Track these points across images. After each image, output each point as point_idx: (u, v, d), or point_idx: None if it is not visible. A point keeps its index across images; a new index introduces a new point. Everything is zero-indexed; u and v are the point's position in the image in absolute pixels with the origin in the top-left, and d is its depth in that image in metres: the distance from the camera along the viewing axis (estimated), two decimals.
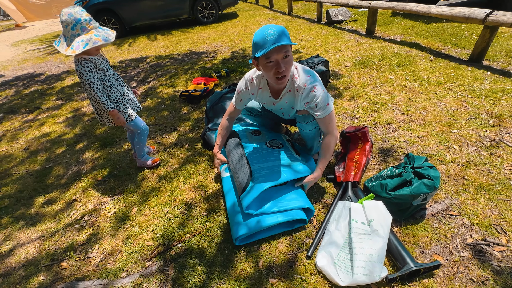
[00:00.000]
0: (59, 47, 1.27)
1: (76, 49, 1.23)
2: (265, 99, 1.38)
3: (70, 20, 1.22)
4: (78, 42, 1.24)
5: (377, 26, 4.19)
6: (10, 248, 1.34)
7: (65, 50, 1.24)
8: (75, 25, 1.23)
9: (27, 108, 3.11)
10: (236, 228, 1.17)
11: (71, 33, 1.25)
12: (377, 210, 1.10)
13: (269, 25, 1.07)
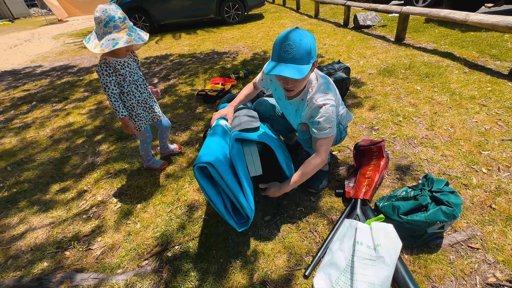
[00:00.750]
0: (89, 44, 1.22)
1: (105, 48, 1.16)
2: (281, 93, 1.31)
3: (103, 17, 1.16)
4: (108, 41, 1.17)
5: (408, 33, 3.96)
6: (23, 231, 1.41)
7: (94, 48, 1.18)
8: (108, 23, 1.17)
9: (57, 98, 3.32)
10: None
11: (103, 31, 1.18)
12: (386, 234, 1.01)
13: (294, 35, 0.95)
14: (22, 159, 2.07)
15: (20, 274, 1.18)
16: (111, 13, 1.16)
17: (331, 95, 1.14)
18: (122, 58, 1.33)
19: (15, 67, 5.28)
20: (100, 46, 1.17)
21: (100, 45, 1.17)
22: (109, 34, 1.18)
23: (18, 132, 2.51)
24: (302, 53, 0.96)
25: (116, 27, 1.19)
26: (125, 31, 1.21)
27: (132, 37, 1.20)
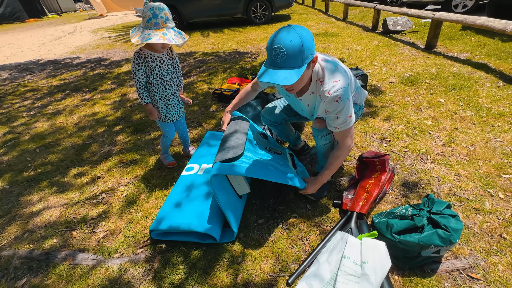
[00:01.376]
0: (132, 34, 1.31)
1: (140, 40, 1.25)
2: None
3: (148, 13, 1.24)
4: (145, 35, 1.25)
5: (440, 40, 3.72)
6: (41, 208, 1.56)
7: (133, 38, 1.28)
8: (150, 19, 1.25)
9: (87, 88, 3.58)
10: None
11: (145, 25, 1.27)
12: (375, 251, 0.98)
13: (284, 36, 0.91)
14: (50, 142, 2.28)
15: (32, 247, 1.30)
16: (156, 11, 1.25)
17: (341, 78, 1.08)
18: (156, 53, 1.41)
19: (56, 58, 5.77)
20: (137, 38, 1.26)
21: (138, 37, 1.27)
22: (149, 29, 1.26)
23: (50, 118, 2.76)
24: (294, 55, 0.91)
25: (157, 24, 1.26)
26: (163, 30, 1.27)
27: (166, 36, 1.26)
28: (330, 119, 1.16)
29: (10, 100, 3.44)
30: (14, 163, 2.03)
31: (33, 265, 1.20)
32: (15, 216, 1.52)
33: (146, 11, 1.25)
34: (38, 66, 5.24)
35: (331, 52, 3.93)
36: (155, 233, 1.25)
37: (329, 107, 1.10)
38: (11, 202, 1.63)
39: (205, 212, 1.25)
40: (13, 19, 14.54)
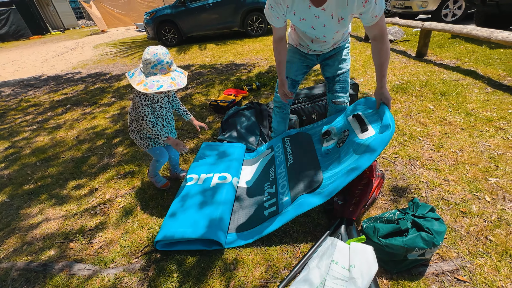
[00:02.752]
0: (132, 79, 1.26)
1: (149, 88, 1.21)
2: (302, 10, 1.15)
3: (153, 59, 1.22)
4: (153, 81, 1.23)
5: (431, 49, 3.83)
6: (40, 221, 1.59)
7: (137, 85, 1.23)
8: (155, 65, 1.23)
9: (88, 102, 3.67)
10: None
11: (149, 71, 1.24)
12: (363, 255, 1.01)
13: None
14: (50, 156, 2.33)
15: (30, 259, 1.33)
16: (161, 57, 1.22)
17: None
18: (159, 94, 1.41)
19: (58, 73, 5.92)
20: (144, 85, 1.22)
21: (144, 83, 1.22)
22: (155, 75, 1.24)
23: (51, 132, 2.82)
24: None
25: (163, 70, 1.25)
26: (170, 74, 1.27)
27: (175, 81, 1.25)
28: (369, 9, 1.04)
29: (12, 116, 3.52)
30: (15, 177, 2.07)
31: (30, 277, 1.23)
32: (14, 229, 1.55)
33: (150, 57, 1.22)
34: (40, 81, 5.37)
35: None
36: (159, 245, 1.27)
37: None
38: (11, 215, 1.66)
39: (200, 221, 1.29)
40: (17, 36, 14.96)
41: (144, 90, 1.21)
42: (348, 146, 1.34)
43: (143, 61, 1.25)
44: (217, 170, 1.65)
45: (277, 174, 1.54)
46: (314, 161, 1.44)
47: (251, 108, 2.22)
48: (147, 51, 1.24)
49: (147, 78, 1.24)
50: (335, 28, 1.21)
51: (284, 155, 1.62)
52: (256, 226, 1.30)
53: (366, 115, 1.38)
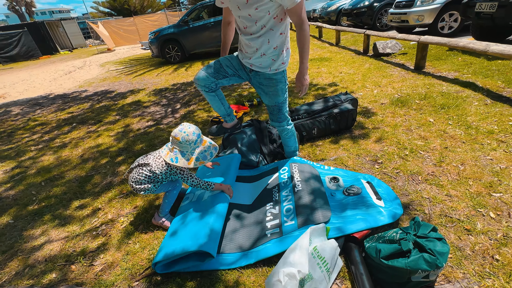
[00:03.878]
0: (178, 163, 1.36)
1: (203, 159, 1.38)
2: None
3: (194, 138, 1.36)
4: (201, 153, 1.38)
5: (429, 61, 3.88)
6: (42, 242, 1.60)
7: (189, 164, 1.36)
8: (196, 141, 1.38)
9: (93, 120, 3.76)
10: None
11: (192, 147, 1.37)
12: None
13: None
14: (55, 175, 2.37)
15: (32, 282, 1.33)
16: (197, 132, 1.39)
17: None
18: None
19: (65, 92, 6.10)
20: (196, 160, 1.37)
21: (195, 159, 1.37)
22: (197, 148, 1.39)
23: (56, 151, 2.88)
24: None
25: (201, 141, 1.42)
26: (206, 141, 1.43)
27: (212, 143, 1.45)
28: None
29: (20, 135, 3.61)
30: (20, 197, 2.10)
31: None
32: (17, 251, 1.56)
33: (192, 137, 1.35)
34: (48, 100, 5.53)
35: (324, 76, 4.11)
36: (159, 267, 1.26)
37: None
38: (14, 237, 1.67)
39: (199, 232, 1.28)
40: (27, 57, 15.55)
41: (200, 164, 1.37)
42: (359, 201, 1.43)
43: (183, 143, 1.35)
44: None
45: (281, 197, 1.54)
46: (323, 196, 1.46)
47: (251, 126, 2.25)
48: (185, 134, 1.34)
49: (193, 154, 1.38)
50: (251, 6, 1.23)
51: (291, 180, 1.62)
52: (259, 245, 1.29)
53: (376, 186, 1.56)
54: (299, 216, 1.34)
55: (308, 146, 2.23)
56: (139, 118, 3.57)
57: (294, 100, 3.30)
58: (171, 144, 1.40)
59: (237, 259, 1.27)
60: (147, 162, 1.45)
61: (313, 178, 1.62)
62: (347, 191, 1.53)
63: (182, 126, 1.37)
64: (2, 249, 1.58)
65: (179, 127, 1.37)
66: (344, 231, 1.25)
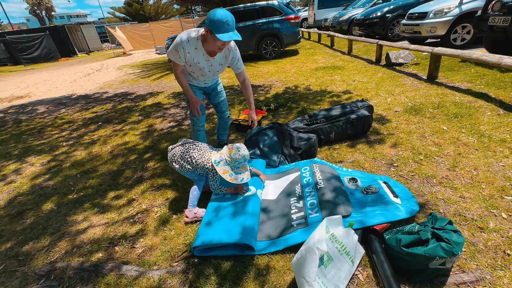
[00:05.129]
0: (218, 167, 1.61)
1: (234, 180, 1.60)
2: (199, 58, 1.79)
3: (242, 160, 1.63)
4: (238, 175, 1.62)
5: (441, 72, 3.98)
6: (85, 227, 1.77)
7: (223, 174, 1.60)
8: (241, 163, 1.63)
9: (117, 120, 3.98)
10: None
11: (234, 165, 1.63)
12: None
13: (226, 11, 1.51)
14: (89, 169, 2.56)
15: (82, 260, 1.49)
16: (247, 157, 1.66)
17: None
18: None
19: (87, 92, 6.40)
20: (230, 175, 1.60)
21: (229, 174, 1.61)
22: (238, 169, 1.64)
23: (87, 147, 3.09)
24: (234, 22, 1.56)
25: (244, 165, 1.66)
26: (246, 167, 1.67)
27: (249, 173, 1.69)
28: (236, 64, 1.94)
29: (49, 132, 3.86)
30: (59, 187, 2.29)
31: (84, 276, 1.38)
32: (63, 233, 1.73)
33: (239, 157, 1.61)
34: (71, 100, 5.83)
35: (338, 84, 4.25)
36: (197, 250, 1.41)
37: (233, 54, 1.87)
38: (60, 221, 1.85)
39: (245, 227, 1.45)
40: (48, 58, 16.24)
41: (230, 180, 1.59)
42: (378, 199, 1.55)
43: (232, 158, 1.61)
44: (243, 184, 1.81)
45: (305, 192, 1.67)
46: (344, 194, 1.59)
47: (273, 128, 2.40)
48: (238, 153, 1.62)
49: (232, 170, 1.63)
50: (217, 69, 1.94)
51: (313, 178, 1.75)
52: (286, 234, 1.42)
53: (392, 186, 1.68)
54: (323, 210, 1.47)
55: (325, 149, 2.36)
56: (161, 119, 3.77)
57: (310, 106, 3.44)
58: (223, 151, 1.67)
59: (266, 246, 1.40)
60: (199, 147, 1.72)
61: (334, 177, 1.74)
62: (365, 190, 1.65)
63: (240, 145, 1.65)
64: (51, 231, 1.76)
65: (238, 144, 1.66)
66: (365, 223, 1.37)
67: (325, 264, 1.15)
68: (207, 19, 1.57)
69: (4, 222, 1.91)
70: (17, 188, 2.36)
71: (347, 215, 1.43)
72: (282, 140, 2.28)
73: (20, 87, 8.37)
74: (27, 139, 3.61)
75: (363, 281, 1.20)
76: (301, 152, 2.22)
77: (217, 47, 1.65)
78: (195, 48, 1.74)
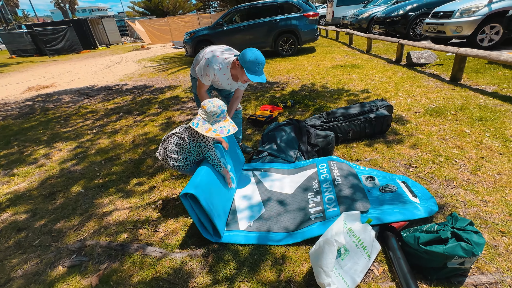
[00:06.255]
0: (198, 128, 1.49)
1: (220, 133, 1.49)
2: (223, 80, 1.96)
3: (218, 111, 1.51)
4: (221, 127, 1.51)
5: (466, 73, 3.85)
6: (111, 210, 1.88)
7: (206, 132, 1.48)
8: (220, 115, 1.52)
9: (137, 111, 4.12)
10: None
11: (214, 120, 1.51)
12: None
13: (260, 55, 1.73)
14: (112, 156, 2.69)
15: (109, 239, 1.59)
16: (223, 108, 1.56)
17: None
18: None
19: (108, 84, 6.63)
20: (214, 131, 1.49)
21: (213, 130, 1.49)
22: (219, 122, 1.53)
23: (110, 136, 3.23)
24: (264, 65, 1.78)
25: (224, 117, 1.57)
26: (228, 120, 1.58)
27: (233, 124, 1.59)
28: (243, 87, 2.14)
29: (74, 120, 4.05)
30: (86, 172, 2.43)
31: (111, 253, 1.48)
32: (91, 214, 1.85)
33: (216, 109, 1.51)
34: (93, 91, 6.07)
35: (356, 83, 4.20)
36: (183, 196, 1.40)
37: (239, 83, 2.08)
38: (87, 203, 1.97)
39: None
40: (70, 50, 16.85)
41: (216, 135, 1.48)
42: (396, 197, 1.55)
43: (208, 112, 1.51)
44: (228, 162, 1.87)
45: (322, 188, 1.70)
46: (361, 191, 1.60)
47: (291, 124, 2.42)
48: (212, 105, 1.52)
49: (213, 125, 1.51)
50: (234, 88, 2.15)
51: (330, 174, 1.77)
52: (303, 227, 1.46)
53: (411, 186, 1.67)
54: (341, 205, 1.50)
55: (342, 147, 2.37)
56: (180, 111, 3.87)
57: (326, 104, 3.43)
58: (198, 112, 1.56)
59: (283, 237, 1.45)
60: (177, 131, 1.63)
61: (351, 175, 1.76)
62: (383, 188, 1.65)
63: (212, 99, 1.56)
64: (80, 212, 1.88)
65: (209, 99, 1.56)
66: (382, 220, 1.38)
67: (342, 257, 1.18)
68: (241, 55, 1.76)
69: (37, 201, 2.06)
70: (48, 171, 2.52)
71: (365, 211, 1.45)
72: (300, 136, 2.30)
73: (46, 77, 8.77)
74: (54, 126, 3.82)
75: (378, 276, 1.22)
76: (318, 149, 2.24)
77: (243, 79, 1.87)
78: (223, 74, 1.93)
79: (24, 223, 1.83)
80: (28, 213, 1.93)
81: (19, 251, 1.58)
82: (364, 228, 1.27)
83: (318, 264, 1.12)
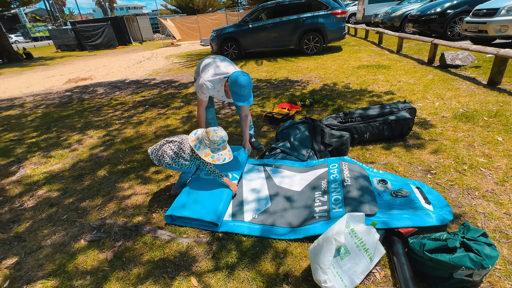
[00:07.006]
0: (199, 151, 1.64)
1: (217, 160, 1.65)
2: (218, 94, 2.09)
3: (220, 141, 1.65)
4: (219, 155, 1.67)
5: (506, 77, 3.52)
6: (130, 194, 2.03)
7: (205, 157, 1.63)
8: (220, 144, 1.66)
9: (162, 105, 4.34)
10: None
11: (214, 147, 1.66)
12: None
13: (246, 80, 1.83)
14: (135, 145, 2.88)
15: (126, 220, 1.73)
16: (225, 139, 1.68)
17: None
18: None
19: (138, 78, 7.03)
20: (211, 157, 1.64)
21: (211, 156, 1.64)
22: (218, 150, 1.68)
23: (135, 126, 3.45)
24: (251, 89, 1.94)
25: (224, 147, 1.70)
26: (226, 148, 1.72)
27: (231, 153, 1.74)
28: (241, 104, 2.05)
29: (105, 110, 4.37)
30: (111, 158, 2.63)
31: (127, 233, 1.61)
32: (112, 196, 2.01)
33: (218, 139, 1.64)
34: (124, 84, 6.47)
35: (380, 84, 4.03)
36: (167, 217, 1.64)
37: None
38: (110, 186, 2.15)
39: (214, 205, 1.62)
40: (107, 46, 18.06)
41: (212, 161, 1.64)
42: (407, 203, 1.50)
43: (210, 140, 1.64)
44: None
45: (330, 188, 1.68)
46: (371, 194, 1.56)
47: (305, 123, 2.41)
48: (216, 135, 1.64)
49: (212, 152, 1.67)
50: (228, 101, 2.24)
51: (340, 175, 1.74)
52: (307, 225, 1.47)
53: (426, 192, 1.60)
54: (347, 206, 1.48)
55: (358, 148, 2.31)
56: None
57: (346, 104, 3.35)
58: (201, 136, 1.68)
59: (286, 232, 1.47)
60: (178, 140, 1.74)
61: (362, 177, 1.72)
62: (395, 193, 1.60)
63: (217, 128, 1.69)
64: (103, 194, 2.05)
65: (214, 128, 1.68)
66: (389, 225, 1.35)
67: (341, 256, 1.18)
68: (230, 79, 1.91)
69: (68, 181, 2.28)
70: (79, 155, 2.77)
71: (372, 214, 1.42)
72: (313, 135, 2.29)
73: (84, 70, 9.51)
74: (88, 115, 4.16)
75: (379, 280, 1.20)
76: (331, 149, 2.21)
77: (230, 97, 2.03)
78: (218, 90, 2.07)
79: (56, 200, 2.04)
80: (59, 191, 2.15)
81: (50, 223, 1.78)
82: (368, 230, 1.25)
83: (316, 261, 1.13)
